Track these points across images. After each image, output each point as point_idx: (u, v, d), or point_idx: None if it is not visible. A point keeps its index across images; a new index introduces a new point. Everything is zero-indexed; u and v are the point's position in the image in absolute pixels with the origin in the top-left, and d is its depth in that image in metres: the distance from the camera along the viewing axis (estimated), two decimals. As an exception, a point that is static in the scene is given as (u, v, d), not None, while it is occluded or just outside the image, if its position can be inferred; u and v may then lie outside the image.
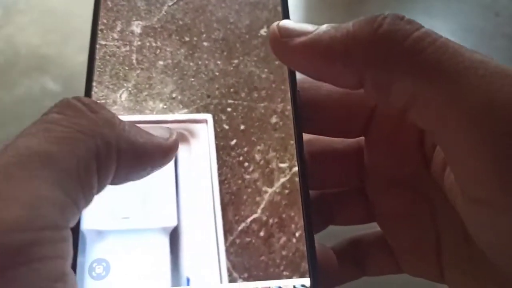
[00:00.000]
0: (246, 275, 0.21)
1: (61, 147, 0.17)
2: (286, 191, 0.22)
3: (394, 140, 0.25)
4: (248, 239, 0.21)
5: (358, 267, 0.28)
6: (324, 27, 0.20)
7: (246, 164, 0.22)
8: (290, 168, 0.22)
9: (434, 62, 0.18)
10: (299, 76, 0.24)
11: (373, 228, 0.28)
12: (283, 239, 0.22)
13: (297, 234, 0.22)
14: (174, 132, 0.21)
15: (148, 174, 0.20)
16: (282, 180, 0.22)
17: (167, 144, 0.20)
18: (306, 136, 0.27)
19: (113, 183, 0.19)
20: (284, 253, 0.22)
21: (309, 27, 0.20)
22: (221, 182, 0.22)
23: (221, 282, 0.21)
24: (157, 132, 0.20)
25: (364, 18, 0.19)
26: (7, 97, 1.04)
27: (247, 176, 0.22)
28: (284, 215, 0.22)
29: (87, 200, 0.18)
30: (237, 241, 0.21)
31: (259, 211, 0.22)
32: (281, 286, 0.21)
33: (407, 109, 0.19)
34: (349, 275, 0.28)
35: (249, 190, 0.22)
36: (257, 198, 0.22)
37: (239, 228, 0.21)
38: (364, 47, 0.19)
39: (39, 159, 0.16)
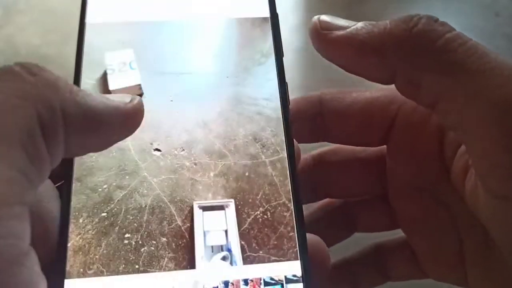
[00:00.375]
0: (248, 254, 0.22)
1: None
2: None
3: (414, 149, 0.26)
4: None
5: (382, 272, 0.28)
6: (362, 23, 0.21)
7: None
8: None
9: (462, 61, 0.19)
10: (320, 87, 0.24)
11: (396, 234, 0.29)
12: (279, 231, 0.23)
13: (289, 228, 0.23)
14: (137, 98, 0.20)
15: (110, 143, 0.19)
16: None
17: (126, 108, 0.19)
18: (329, 146, 0.28)
19: (71, 153, 0.18)
20: (276, 242, 0.22)
21: (348, 22, 0.22)
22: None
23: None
24: (117, 97, 0.19)
25: (401, 17, 0.20)
26: (7, 96, 1.04)
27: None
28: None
29: (41, 172, 0.17)
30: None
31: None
32: (273, 276, 0.21)
33: (434, 104, 0.20)
34: (373, 281, 0.28)
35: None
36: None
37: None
38: (399, 43, 0.20)
39: None
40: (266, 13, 0.27)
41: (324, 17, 0.22)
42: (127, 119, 0.19)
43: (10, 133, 0.16)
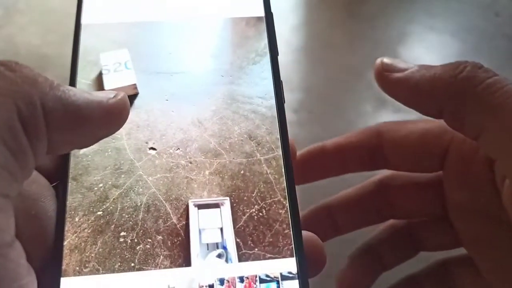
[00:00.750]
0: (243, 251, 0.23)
1: None
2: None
3: (467, 175, 0.28)
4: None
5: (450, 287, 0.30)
6: (417, 66, 0.24)
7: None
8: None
9: (500, 103, 0.22)
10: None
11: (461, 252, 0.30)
12: (274, 228, 0.23)
13: (284, 226, 0.23)
14: (121, 94, 0.20)
15: (95, 139, 0.19)
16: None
17: (109, 104, 0.19)
18: (387, 172, 0.31)
19: (56, 149, 0.18)
20: (272, 239, 0.22)
21: (405, 65, 0.25)
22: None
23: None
24: (101, 93, 0.19)
25: (449, 64, 0.23)
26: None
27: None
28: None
29: (25, 167, 0.17)
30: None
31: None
32: (268, 273, 0.21)
33: (477, 137, 0.23)
34: None
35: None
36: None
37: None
38: (446, 87, 0.23)
39: None
40: (261, 13, 0.27)
41: (386, 60, 0.25)
42: (110, 115, 0.19)
43: None
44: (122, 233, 0.22)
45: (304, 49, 1.18)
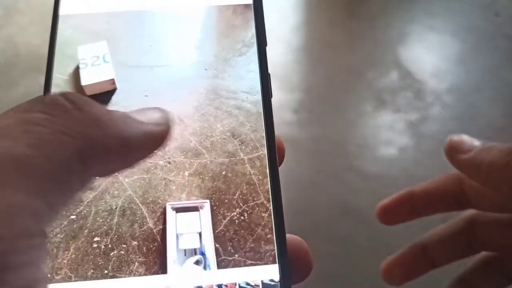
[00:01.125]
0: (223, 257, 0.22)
1: (42, 150, 0.16)
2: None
3: None
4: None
5: None
6: (479, 149, 0.30)
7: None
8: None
9: None
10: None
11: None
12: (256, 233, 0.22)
13: (267, 230, 0.22)
14: (167, 115, 0.20)
15: (136, 164, 0.19)
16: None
17: (159, 132, 0.19)
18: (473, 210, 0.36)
19: (100, 176, 0.19)
20: (253, 245, 0.22)
21: (470, 143, 0.30)
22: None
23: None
24: (148, 115, 0.19)
25: (505, 150, 0.28)
26: (6, 98, 1.04)
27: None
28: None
29: (67, 203, 0.17)
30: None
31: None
32: (248, 281, 0.21)
33: None
34: None
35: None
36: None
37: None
38: (501, 170, 0.28)
39: (14, 166, 0.15)
40: None
41: (455, 138, 0.31)
42: (158, 143, 0.19)
43: (49, 168, 0.16)
44: (96, 238, 0.21)
45: (304, 49, 1.17)
